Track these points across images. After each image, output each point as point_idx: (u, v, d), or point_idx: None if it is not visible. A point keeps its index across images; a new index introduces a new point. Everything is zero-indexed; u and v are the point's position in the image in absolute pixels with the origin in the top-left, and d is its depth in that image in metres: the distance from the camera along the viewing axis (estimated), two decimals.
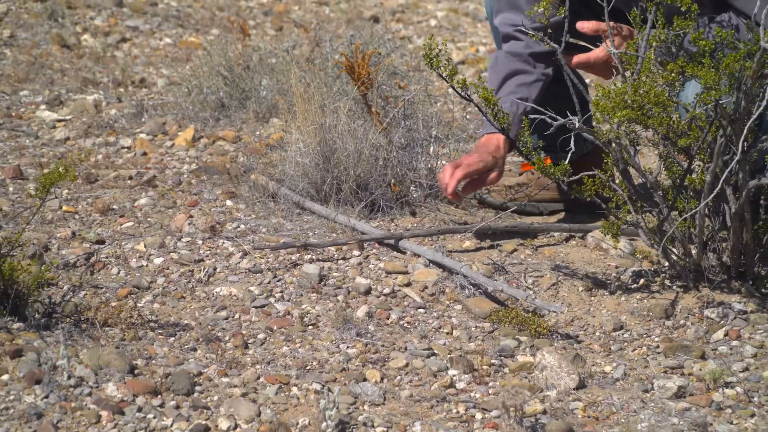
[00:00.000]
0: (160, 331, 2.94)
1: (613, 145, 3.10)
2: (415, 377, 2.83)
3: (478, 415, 2.68)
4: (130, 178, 3.83)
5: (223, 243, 3.38)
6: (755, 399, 2.78)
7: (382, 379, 2.80)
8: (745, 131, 2.90)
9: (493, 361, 2.91)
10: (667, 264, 3.28)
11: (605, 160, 3.15)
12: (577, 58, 3.27)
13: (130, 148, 4.12)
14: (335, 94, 3.89)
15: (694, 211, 3.06)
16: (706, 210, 3.09)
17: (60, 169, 2.82)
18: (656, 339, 3.05)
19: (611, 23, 3.19)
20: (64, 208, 3.59)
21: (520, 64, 3.45)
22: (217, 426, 2.56)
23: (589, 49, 3.30)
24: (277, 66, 4.43)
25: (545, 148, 3.55)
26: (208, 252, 3.34)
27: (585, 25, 3.24)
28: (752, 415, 2.71)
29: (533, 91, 3.42)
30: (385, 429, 2.60)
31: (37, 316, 2.86)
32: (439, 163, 3.75)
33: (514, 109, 3.37)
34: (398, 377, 2.83)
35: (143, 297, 3.12)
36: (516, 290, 3.14)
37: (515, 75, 3.44)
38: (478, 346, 2.98)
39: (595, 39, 3.28)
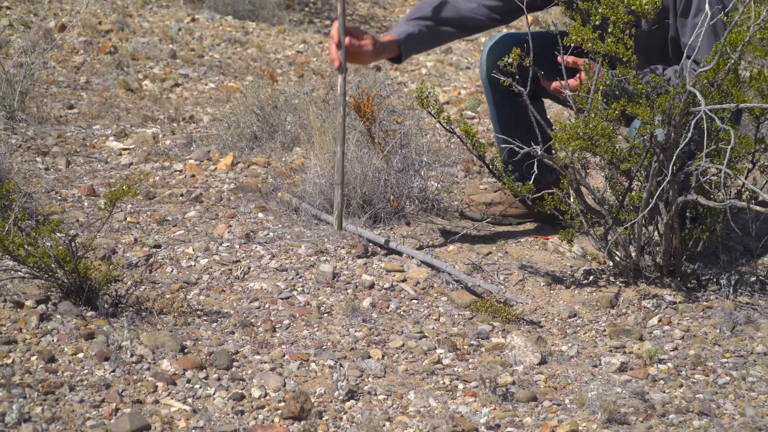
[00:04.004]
0: (205, 318, 2.92)
1: (569, 168, 3.09)
2: (409, 355, 2.81)
3: (460, 386, 2.66)
4: (181, 195, 3.81)
5: (256, 247, 3.36)
6: (683, 372, 2.77)
7: (383, 356, 2.78)
8: (674, 158, 2.89)
9: (472, 342, 2.89)
10: (611, 264, 3.26)
11: (562, 181, 3.13)
12: (555, 84, 3.24)
13: (181, 171, 4.10)
14: (345, 128, 3.86)
15: (633, 221, 3.04)
16: (643, 221, 3.08)
17: (124, 188, 2.81)
18: (603, 324, 3.03)
19: (586, 59, 3.18)
20: (128, 219, 3.57)
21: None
22: (250, 394, 2.54)
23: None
24: (299, 105, 4.41)
25: (519, 178, 3.53)
26: (244, 254, 3.31)
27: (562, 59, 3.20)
28: (680, 386, 2.69)
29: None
30: (386, 396, 2.58)
31: (106, 306, 2.85)
32: (429, 183, 3.73)
33: (410, 30, 3.30)
34: (396, 355, 2.80)
35: (191, 290, 3.10)
36: (490, 285, 3.12)
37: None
38: (460, 330, 2.96)
39: (573, 71, 3.24)
